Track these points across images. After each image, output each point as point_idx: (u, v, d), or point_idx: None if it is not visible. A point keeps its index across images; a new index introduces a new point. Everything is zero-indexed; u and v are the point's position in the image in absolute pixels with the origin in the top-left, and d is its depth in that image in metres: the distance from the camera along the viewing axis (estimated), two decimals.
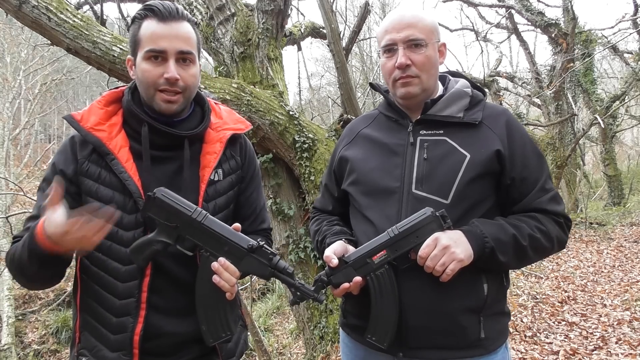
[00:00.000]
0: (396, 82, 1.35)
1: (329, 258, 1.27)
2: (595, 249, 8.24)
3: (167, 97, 1.22)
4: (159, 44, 1.19)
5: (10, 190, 11.19)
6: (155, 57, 1.20)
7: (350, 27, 8.52)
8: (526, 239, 1.26)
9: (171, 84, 1.20)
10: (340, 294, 1.28)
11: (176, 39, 1.20)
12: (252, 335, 5.09)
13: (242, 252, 1.18)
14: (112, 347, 1.21)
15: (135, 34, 1.23)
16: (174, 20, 1.21)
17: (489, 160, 1.28)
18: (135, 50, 1.23)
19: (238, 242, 1.18)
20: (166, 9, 1.20)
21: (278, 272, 1.19)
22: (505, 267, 1.32)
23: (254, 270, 1.20)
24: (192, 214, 1.17)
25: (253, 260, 1.18)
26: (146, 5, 1.23)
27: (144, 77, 1.21)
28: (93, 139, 1.23)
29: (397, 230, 1.23)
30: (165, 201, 1.16)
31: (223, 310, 1.22)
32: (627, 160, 20.27)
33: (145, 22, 1.22)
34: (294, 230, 4.00)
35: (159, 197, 1.16)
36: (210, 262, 1.18)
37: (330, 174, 1.56)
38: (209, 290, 1.20)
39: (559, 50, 9.42)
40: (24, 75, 14.69)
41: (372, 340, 1.27)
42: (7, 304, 9.65)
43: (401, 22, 1.33)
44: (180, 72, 1.21)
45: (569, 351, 3.89)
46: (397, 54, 1.33)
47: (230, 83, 3.68)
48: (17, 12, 3.36)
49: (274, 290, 9.79)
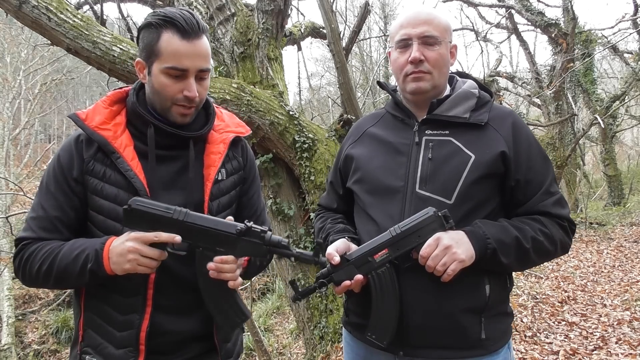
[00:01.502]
0: (407, 77, 1.36)
1: (331, 256, 1.27)
2: (595, 249, 8.25)
3: (183, 112, 1.25)
4: (182, 63, 1.19)
5: (10, 190, 11.19)
6: (177, 75, 1.21)
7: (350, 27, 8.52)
8: (529, 242, 1.25)
9: (190, 101, 1.23)
10: (341, 291, 1.29)
11: (198, 58, 1.21)
12: (252, 335, 5.09)
13: (232, 238, 1.17)
14: (117, 344, 1.22)
15: (153, 43, 1.20)
16: (196, 37, 1.21)
17: (493, 162, 1.28)
18: (152, 58, 1.22)
19: (226, 229, 1.17)
20: (189, 25, 1.19)
21: (273, 247, 1.19)
22: (507, 269, 1.32)
23: (250, 252, 1.20)
24: (173, 214, 1.16)
25: (246, 244, 1.18)
26: (167, 16, 1.19)
27: (163, 90, 1.22)
28: (98, 137, 1.24)
29: (399, 230, 1.23)
30: (143, 210, 1.15)
31: (232, 297, 1.23)
32: (627, 160, 20.27)
33: (166, 34, 1.19)
34: (294, 230, 4.00)
35: (135, 208, 1.14)
36: (206, 257, 1.18)
37: (336, 172, 1.57)
38: (212, 284, 1.20)
39: (559, 50, 9.42)
40: (24, 75, 14.69)
41: (372, 338, 1.27)
42: (7, 304, 9.65)
43: (417, 18, 1.35)
44: (198, 89, 1.24)
45: (569, 351, 3.89)
46: (411, 48, 1.33)
47: (230, 83, 3.67)
48: (17, 12, 3.36)
49: (274, 290, 9.80)
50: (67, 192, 1.24)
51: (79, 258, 1.17)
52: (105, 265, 1.15)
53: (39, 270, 1.20)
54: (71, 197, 1.24)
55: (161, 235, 1.13)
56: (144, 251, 1.12)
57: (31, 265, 1.21)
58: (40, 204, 1.25)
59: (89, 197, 1.24)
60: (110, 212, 1.22)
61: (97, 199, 1.23)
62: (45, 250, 1.20)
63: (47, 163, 1.35)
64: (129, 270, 1.14)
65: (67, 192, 1.24)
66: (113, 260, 1.14)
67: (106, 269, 1.15)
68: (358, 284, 1.26)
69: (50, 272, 1.19)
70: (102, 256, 1.15)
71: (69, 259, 1.17)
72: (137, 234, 1.13)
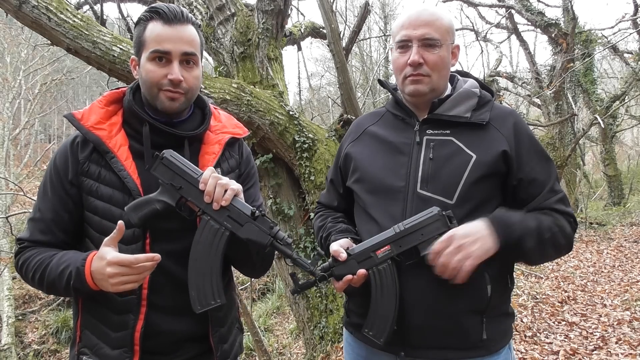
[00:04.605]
0: (406, 79, 1.35)
1: (337, 252, 1.27)
2: (595, 249, 8.24)
3: (171, 95, 1.24)
4: (163, 46, 1.22)
5: (10, 190, 11.19)
6: (160, 58, 1.23)
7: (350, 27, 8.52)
8: (548, 232, 1.24)
9: (175, 85, 1.23)
10: (342, 287, 1.28)
11: (180, 41, 1.23)
12: (252, 335, 5.09)
13: (244, 217, 1.18)
14: (113, 345, 1.22)
15: (140, 35, 1.25)
16: (179, 22, 1.24)
17: (495, 161, 1.28)
18: (140, 50, 1.26)
19: (241, 208, 1.19)
20: (171, 12, 1.23)
21: (277, 241, 1.20)
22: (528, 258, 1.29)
23: (254, 236, 1.19)
24: (198, 177, 1.18)
25: (254, 227, 1.19)
26: (152, 8, 1.25)
27: (148, 76, 1.24)
28: (93, 137, 1.24)
29: (403, 227, 1.24)
30: (172, 162, 1.19)
31: (216, 277, 1.21)
32: (627, 160, 20.25)
33: (150, 24, 1.24)
34: (294, 230, 4.00)
35: (166, 157, 1.19)
36: (210, 227, 1.19)
37: (337, 170, 1.56)
38: (204, 255, 1.20)
39: (559, 50, 9.42)
40: (24, 75, 14.69)
41: (370, 335, 1.27)
42: (7, 304, 9.65)
43: (418, 19, 1.33)
44: (184, 74, 1.24)
45: (569, 351, 3.89)
46: (411, 50, 1.32)
47: (230, 83, 3.67)
48: (17, 12, 3.36)
49: (274, 290, 9.80)
50: (61, 194, 1.25)
51: (63, 274, 1.18)
52: (89, 283, 1.15)
53: (33, 277, 1.24)
54: (65, 199, 1.25)
55: (139, 257, 1.11)
56: (126, 272, 1.11)
57: (26, 270, 1.25)
58: (37, 206, 1.28)
59: (85, 198, 1.24)
60: (105, 212, 1.22)
61: (92, 199, 1.23)
62: (37, 260, 1.23)
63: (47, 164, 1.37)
64: (116, 290, 1.14)
65: (61, 194, 1.25)
66: (97, 279, 1.14)
67: (91, 286, 1.15)
68: (360, 278, 1.25)
69: (42, 282, 1.23)
70: (84, 274, 1.15)
71: (56, 274, 1.19)
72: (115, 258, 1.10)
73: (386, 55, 17.53)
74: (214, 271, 1.21)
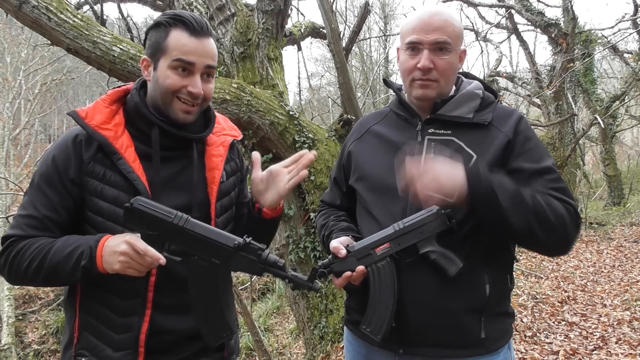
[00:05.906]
0: (414, 82, 1.35)
1: (337, 249, 1.28)
2: (595, 249, 8.25)
3: (186, 108, 1.25)
4: (189, 57, 1.22)
5: (10, 190, 11.20)
6: (183, 68, 1.23)
7: (350, 27, 8.53)
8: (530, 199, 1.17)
9: (193, 97, 1.24)
10: (341, 283, 1.29)
11: (205, 55, 1.24)
12: (252, 335, 5.09)
13: (229, 252, 1.17)
14: (115, 347, 1.21)
15: (161, 40, 1.23)
16: (204, 35, 1.24)
17: (495, 160, 1.28)
18: (158, 55, 1.24)
19: (224, 242, 1.16)
20: (198, 24, 1.23)
21: (269, 266, 1.19)
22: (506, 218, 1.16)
23: (244, 268, 1.19)
24: (173, 219, 1.14)
25: (242, 259, 1.17)
26: (176, 15, 1.24)
27: (166, 83, 1.23)
28: (100, 137, 1.22)
29: (402, 225, 1.25)
30: (144, 210, 1.14)
31: (219, 312, 1.22)
32: (627, 160, 20.26)
33: (175, 32, 1.22)
34: (294, 230, 4.00)
35: (137, 207, 1.13)
36: (199, 266, 1.17)
37: (340, 169, 1.57)
38: (202, 296, 1.20)
39: (559, 50, 9.43)
40: (24, 75, 14.69)
41: (367, 331, 1.27)
42: (7, 304, 9.66)
43: (431, 24, 1.31)
44: (203, 86, 1.25)
45: (569, 351, 3.89)
46: (421, 54, 1.32)
47: (230, 83, 3.68)
48: (17, 12, 3.36)
49: (274, 290, 9.79)
50: (61, 192, 1.21)
51: (72, 255, 1.15)
52: (98, 262, 1.13)
53: (29, 266, 1.17)
54: (65, 197, 1.21)
55: (149, 251, 1.11)
56: (135, 257, 1.11)
57: (19, 261, 1.18)
58: (31, 203, 1.22)
59: (88, 198, 1.22)
60: (110, 213, 1.21)
61: (96, 200, 1.21)
62: (36, 246, 1.18)
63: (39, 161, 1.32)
64: (117, 271, 1.13)
65: (61, 192, 1.21)
66: (105, 258, 1.13)
67: (98, 266, 1.14)
68: (359, 275, 1.26)
69: (41, 268, 1.17)
70: (95, 253, 1.14)
71: (62, 256, 1.15)
72: (132, 239, 1.12)
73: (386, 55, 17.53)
74: (216, 308, 1.21)
